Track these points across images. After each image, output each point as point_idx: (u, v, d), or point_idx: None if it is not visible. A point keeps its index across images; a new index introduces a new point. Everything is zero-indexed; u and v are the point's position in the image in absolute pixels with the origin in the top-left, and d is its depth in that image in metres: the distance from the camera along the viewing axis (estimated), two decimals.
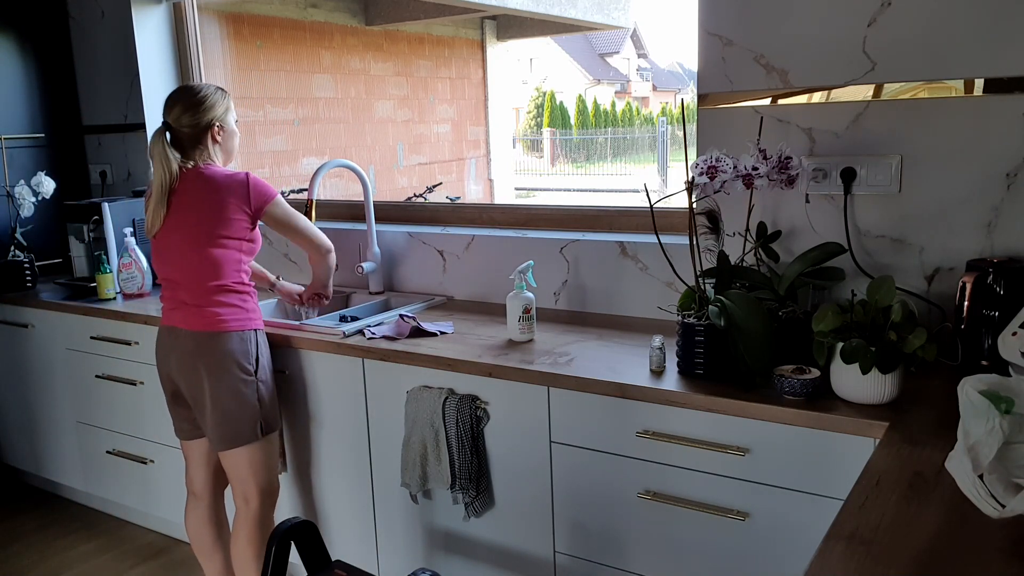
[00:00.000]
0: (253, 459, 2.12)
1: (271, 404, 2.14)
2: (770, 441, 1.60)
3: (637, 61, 26.96)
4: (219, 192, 2.06)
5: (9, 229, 3.10)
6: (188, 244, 2.07)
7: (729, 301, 1.66)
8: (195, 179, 2.08)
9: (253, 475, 2.12)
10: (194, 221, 2.06)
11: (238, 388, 2.07)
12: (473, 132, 8.92)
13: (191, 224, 2.07)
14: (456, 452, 1.96)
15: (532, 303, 2.09)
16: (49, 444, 3.06)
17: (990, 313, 1.65)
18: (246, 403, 2.08)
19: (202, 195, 2.07)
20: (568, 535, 1.91)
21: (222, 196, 2.06)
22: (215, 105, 2.12)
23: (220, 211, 2.06)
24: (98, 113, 3.44)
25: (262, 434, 2.11)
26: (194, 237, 2.07)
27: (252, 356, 2.09)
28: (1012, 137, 1.73)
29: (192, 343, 2.07)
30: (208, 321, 2.06)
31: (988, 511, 1.01)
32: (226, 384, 2.06)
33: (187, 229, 2.07)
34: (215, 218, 2.06)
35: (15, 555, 2.79)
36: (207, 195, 2.07)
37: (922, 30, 1.77)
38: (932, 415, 1.49)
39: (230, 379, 2.06)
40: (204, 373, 2.06)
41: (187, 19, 3.32)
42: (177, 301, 2.11)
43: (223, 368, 2.06)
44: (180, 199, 2.07)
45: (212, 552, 2.29)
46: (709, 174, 1.73)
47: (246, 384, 2.08)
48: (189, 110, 2.08)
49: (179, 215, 2.07)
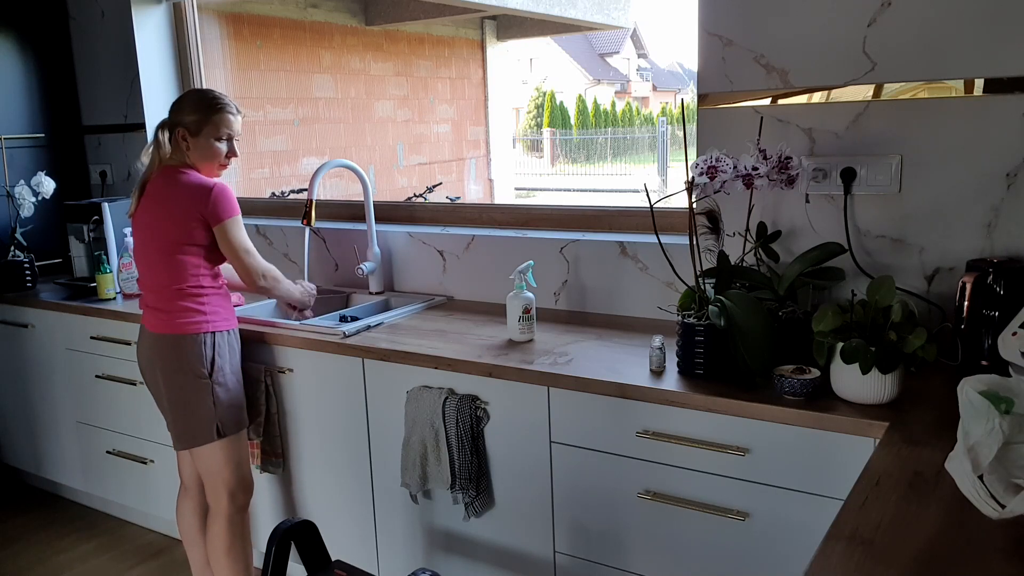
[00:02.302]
0: (214, 459, 2.15)
1: (230, 406, 2.15)
2: (770, 441, 1.60)
3: (637, 61, 26.96)
4: (181, 199, 2.08)
5: (9, 229, 3.10)
6: (149, 246, 2.12)
7: (729, 301, 1.66)
8: (168, 179, 2.11)
9: (217, 474, 2.16)
10: (156, 223, 2.10)
11: (191, 390, 2.10)
12: (473, 132, 8.92)
13: (153, 226, 2.11)
14: (456, 452, 1.96)
15: (532, 303, 2.09)
16: (49, 444, 3.06)
17: (990, 313, 1.65)
18: (200, 405, 2.11)
19: (167, 198, 2.09)
20: (568, 535, 1.91)
21: (183, 204, 2.07)
22: (185, 110, 2.12)
23: (179, 217, 2.07)
24: (98, 113, 3.44)
25: (218, 436, 2.13)
26: (154, 239, 2.11)
27: (207, 359, 2.10)
28: (1012, 137, 1.73)
29: (151, 343, 2.14)
30: (162, 323, 2.11)
31: (988, 512, 1.01)
32: (179, 385, 2.10)
33: (150, 231, 2.12)
34: (174, 223, 2.08)
35: (15, 555, 2.79)
36: (170, 199, 2.09)
37: (922, 30, 1.77)
38: (932, 415, 1.49)
39: (183, 380, 2.10)
40: (159, 374, 2.13)
41: (187, 19, 3.32)
42: (145, 301, 2.18)
43: (176, 369, 2.10)
44: (150, 195, 2.11)
45: (196, 541, 2.34)
46: (709, 174, 1.73)
47: (200, 386, 2.10)
48: (170, 108, 2.15)
49: (146, 213, 2.12)
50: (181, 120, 2.11)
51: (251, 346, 2.34)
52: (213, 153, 2.14)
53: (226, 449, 2.15)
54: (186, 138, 2.11)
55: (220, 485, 2.17)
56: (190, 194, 2.08)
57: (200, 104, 2.12)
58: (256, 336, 2.32)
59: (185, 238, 2.08)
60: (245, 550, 2.25)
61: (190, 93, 2.18)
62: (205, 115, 2.11)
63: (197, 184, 2.09)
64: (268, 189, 6.04)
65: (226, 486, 2.17)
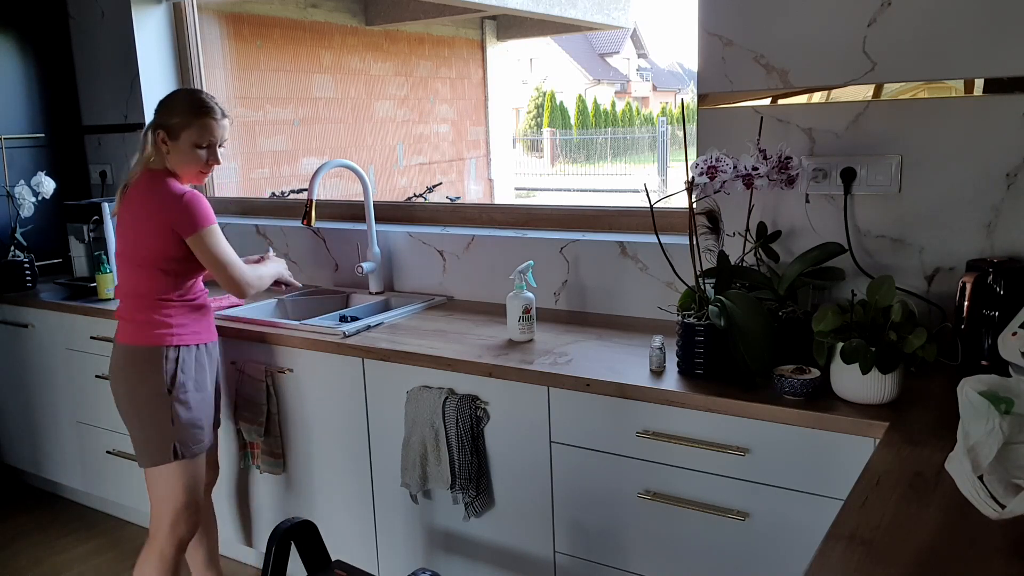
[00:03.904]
0: (165, 482, 2.03)
1: (190, 426, 2.04)
2: (770, 441, 1.60)
3: (637, 61, 26.94)
4: (151, 208, 2.00)
5: (9, 229, 3.10)
6: (123, 253, 2.06)
7: (729, 301, 1.66)
8: (145, 184, 2.03)
9: (164, 500, 2.05)
10: (127, 230, 2.04)
11: (147, 405, 2.01)
12: (473, 132, 8.92)
13: (124, 233, 2.05)
14: (456, 452, 1.96)
15: (532, 303, 2.09)
16: (49, 444, 3.06)
17: (990, 313, 1.65)
18: (156, 422, 2.01)
19: (140, 204, 2.02)
20: (568, 535, 1.91)
21: (154, 213, 2.00)
22: (167, 112, 2.04)
23: (149, 226, 2.00)
24: (98, 113, 3.44)
25: (175, 457, 2.02)
26: (126, 245, 2.05)
27: (168, 373, 2.01)
28: (1012, 137, 1.73)
29: (116, 355, 2.07)
30: (126, 333, 2.05)
31: (988, 512, 1.01)
32: (137, 399, 2.02)
33: (123, 237, 2.06)
34: (145, 232, 2.01)
35: (15, 555, 2.79)
36: (143, 206, 2.01)
37: (922, 30, 1.77)
38: (932, 415, 1.49)
39: (141, 395, 2.01)
40: (119, 385, 2.05)
41: (187, 19, 3.32)
42: (118, 311, 2.10)
43: (133, 382, 2.02)
44: (129, 198, 2.04)
45: (195, 547, 2.30)
46: (709, 174, 1.73)
47: (158, 402, 2.01)
48: (155, 107, 2.08)
49: (124, 217, 2.05)
50: (163, 122, 2.04)
51: (251, 346, 2.34)
52: (192, 159, 2.05)
53: (179, 473, 2.04)
54: (166, 141, 2.03)
55: (165, 512, 2.05)
56: (160, 202, 1.99)
57: (183, 106, 2.04)
58: (256, 336, 2.32)
59: (154, 247, 2.00)
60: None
61: (176, 93, 2.11)
62: (186, 119, 2.02)
63: (168, 192, 2.00)
64: (268, 189, 6.03)
65: (171, 514, 2.05)
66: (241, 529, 2.55)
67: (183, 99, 2.06)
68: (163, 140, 2.03)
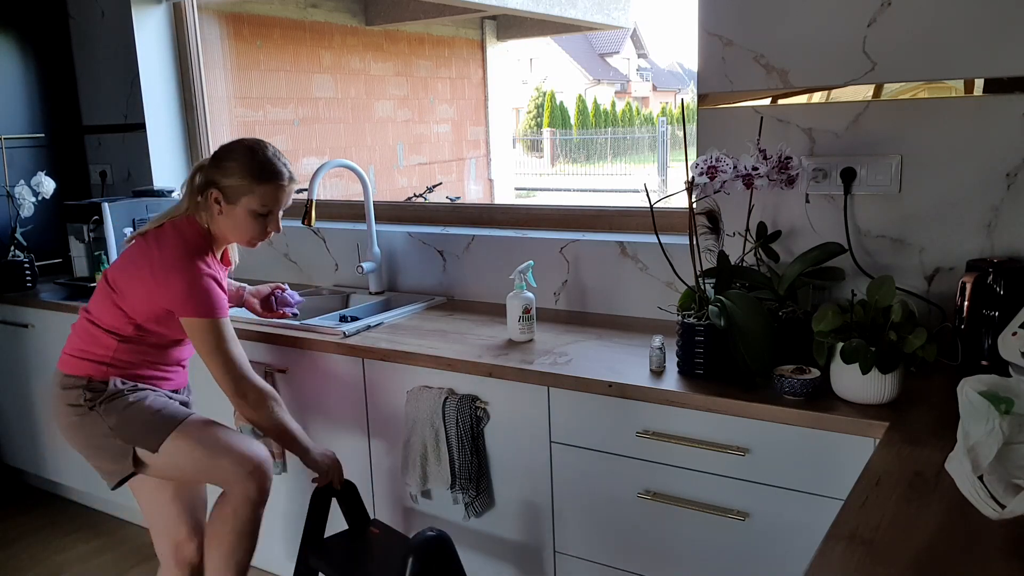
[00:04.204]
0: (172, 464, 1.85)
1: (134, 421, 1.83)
2: (770, 441, 1.60)
3: (637, 61, 26.95)
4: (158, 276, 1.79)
5: (9, 229, 3.10)
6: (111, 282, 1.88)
7: (729, 301, 1.66)
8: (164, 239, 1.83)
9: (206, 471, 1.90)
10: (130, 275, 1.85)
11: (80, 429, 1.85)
12: (473, 132, 8.93)
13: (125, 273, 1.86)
14: (456, 452, 1.96)
15: (532, 303, 2.09)
16: (49, 444, 3.06)
17: (990, 313, 1.65)
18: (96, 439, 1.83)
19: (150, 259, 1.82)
20: (568, 535, 1.91)
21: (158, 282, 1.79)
22: (227, 170, 1.82)
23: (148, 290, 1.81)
24: (98, 113, 3.44)
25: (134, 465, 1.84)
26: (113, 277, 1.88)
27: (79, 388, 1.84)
28: (1012, 137, 1.73)
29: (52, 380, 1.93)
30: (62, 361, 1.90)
31: (988, 512, 1.01)
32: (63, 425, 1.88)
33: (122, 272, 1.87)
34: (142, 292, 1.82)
35: (15, 555, 2.79)
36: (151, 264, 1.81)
37: (922, 30, 1.77)
38: (932, 415, 1.49)
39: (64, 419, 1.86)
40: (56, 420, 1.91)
41: (187, 19, 3.32)
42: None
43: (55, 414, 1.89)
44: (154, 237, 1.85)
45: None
46: (709, 174, 1.73)
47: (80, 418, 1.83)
48: (209, 159, 1.87)
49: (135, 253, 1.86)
50: (219, 181, 1.82)
51: (251, 346, 2.34)
52: (246, 228, 1.86)
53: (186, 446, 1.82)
54: (219, 201, 1.83)
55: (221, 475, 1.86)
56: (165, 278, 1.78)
57: (246, 167, 1.81)
58: (256, 336, 2.31)
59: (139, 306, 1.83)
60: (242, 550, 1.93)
61: (238, 148, 1.84)
62: (248, 183, 1.81)
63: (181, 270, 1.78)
64: None
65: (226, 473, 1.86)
66: None
67: (247, 159, 1.83)
68: (216, 200, 1.83)
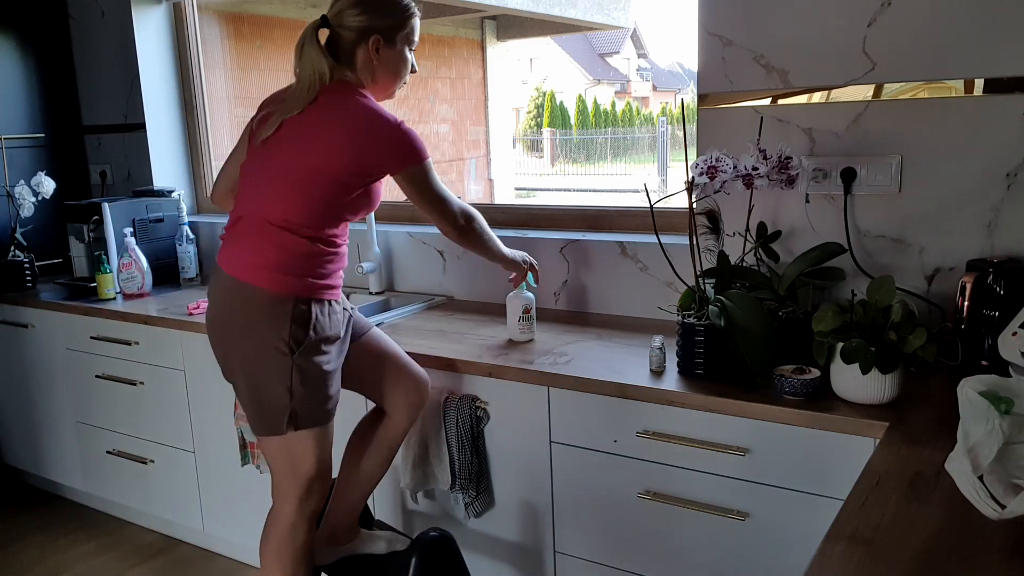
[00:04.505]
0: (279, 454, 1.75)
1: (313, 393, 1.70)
2: (770, 441, 1.60)
3: (637, 61, 26.91)
4: (355, 128, 1.67)
5: (9, 229, 3.10)
6: (280, 174, 1.70)
7: (729, 301, 1.66)
8: (334, 100, 1.70)
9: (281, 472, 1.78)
10: (304, 148, 1.68)
11: (262, 364, 1.67)
12: (473, 132, 8.92)
13: (299, 152, 1.68)
14: (456, 452, 1.96)
15: (532, 303, 2.08)
16: (49, 444, 3.06)
17: (990, 313, 1.65)
18: (271, 386, 1.67)
19: (331, 122, 1.68)
20: (568, 535, 1.91)
21: (356, 135, 1.67)
22: (373, 12, 1.72)
23: (342, 150, 1.66)
24: (98, 113, 3.43)
25: (293, 427, 1.70)
26: (293, 167, 1.69)
27: (296, 329, 1.66)
28: (1012, 137, 1.73)
29: (228, 291, 1.71)
30: (250, 267, 1.68)
31: (988, 512, 1.01)
32: (250, 355, 1.68)
33: (290, 156, 1.69)
34: (332, 155, 1.66)
35: (15, 555, 2.79)
36: (337, 125, 1.68)
37: (922, 30, 1.77)
38: (932, 415, 1.49)
39: (259, 349, 1.66)
40: (230, 333, 1.71)
41: (187, 19, 3.32)
42: (232, 235, 1.75)
43: (254, 333, 1.67)
44: (306, 115, 1.69)
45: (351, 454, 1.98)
46: (709, 174, 1.73)
47: (279, 362, 1.66)
48: (353, 7, 1.72)
49: (293, 133, 1.70)
50: (375, 25, 1.72)
51: None
52: (403, 67, 1.79)
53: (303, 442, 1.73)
54: (379, 48, 1.73)
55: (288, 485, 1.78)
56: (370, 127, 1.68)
57: (392, 5, 1.75)
58: None
59: (338, 174, 1.68)
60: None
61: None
62: (400, 19, 1.75)
63: (379, 115, 1.69)
64: None
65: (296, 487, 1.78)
66: (241, 530, 2.55)
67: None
68: (375, 47, 1.73)
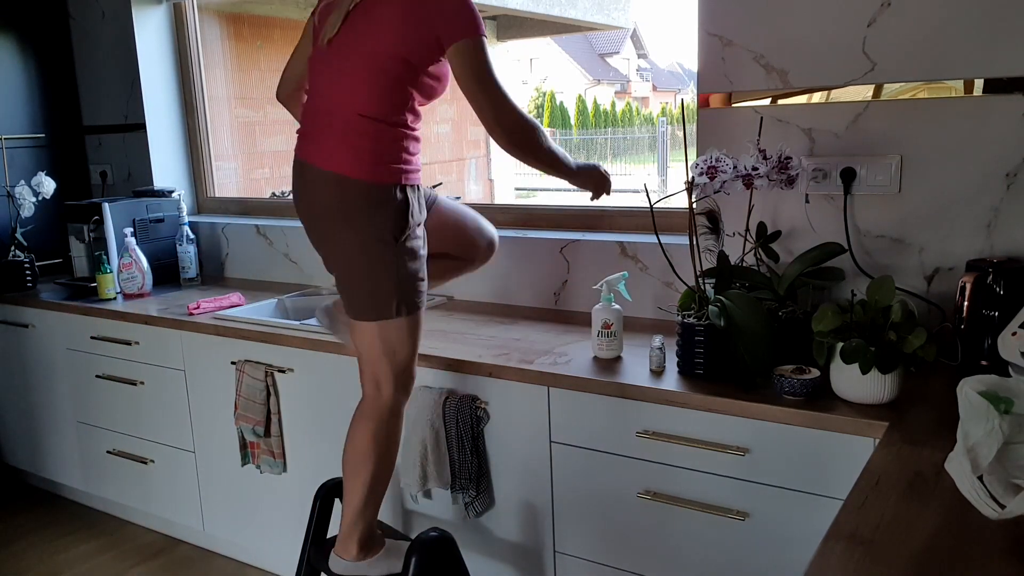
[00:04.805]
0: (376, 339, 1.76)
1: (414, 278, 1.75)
2: (770, 441, 1.60)
3: (637, 61, 26.92)
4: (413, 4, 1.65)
5: (9, 229, 3.10)
6: (355, 64, 1.69)
7: (729, 301, 1.66)
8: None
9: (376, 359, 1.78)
10: (372, 33, 1.67)
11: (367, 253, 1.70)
12: (473, 132, 8.92)
13: (368, 38, 1.68)
14: (456, 452, 1.96)
15: (615, 317, 1.89)
16: (49, 444, 3.06)
17: (990, 313, 1.65)
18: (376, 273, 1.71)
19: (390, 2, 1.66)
20: (568, 535, 1.91)
21: (415, 6, 1.65)
22: None
23: (405, 25, 1.65)
24: (98, 113, 3.44)
25: (397, 314, 1.73)
26: (367, 54, 1.68)
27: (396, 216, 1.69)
28: (1012, 137, 1.73)
29: (328, 182, 1.71)
30: (347, 160, 1.68)
31: (987, 512, 1.01)
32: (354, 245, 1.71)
33: (361, 45, 1.68)
34: (397, 35, 1.65)
35: (15, 555, 2.79)
36: (396, 4, 1.66)
37: (922, 30, 1.77)
38: (932, 415, 1.49)
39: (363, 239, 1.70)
40: (333, 225, 1.73)
41: (187, 19, 3.32)
42: (315, 130, 1.75)
43: (356, 224, 1.69)
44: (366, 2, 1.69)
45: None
46: (709, 174, 1.73)
47: (381, 249, 1.70)
48: None
49: (358, 21, 1.69)
50: None
51: (251, 346, 2.34)
52: None
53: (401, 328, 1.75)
54: None
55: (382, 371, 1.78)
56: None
57: None
58: (256, 336, 2.31)
59: (411, 54, 1.66)
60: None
61: None
62: None
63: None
64: (268, 189, 6.04)
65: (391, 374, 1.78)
66: (241, 529, 2.55)
67: None
68: None
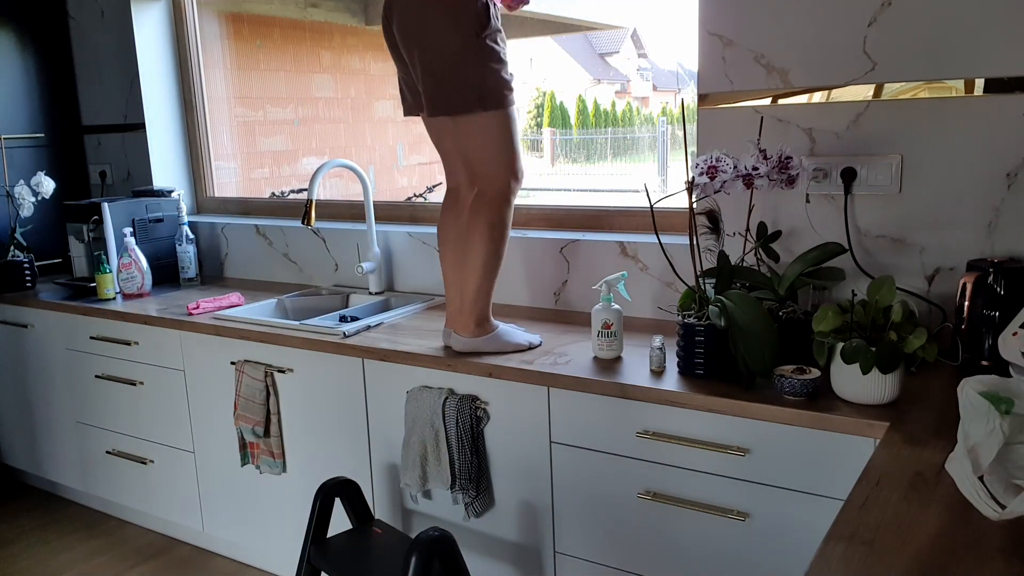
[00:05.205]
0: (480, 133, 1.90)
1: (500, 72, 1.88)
2: (770, 441, 1.60)
3: (637, 61, 26.90)
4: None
5: (9, 229, 3.10)
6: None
7: (729, 301, 1.66)
8: None
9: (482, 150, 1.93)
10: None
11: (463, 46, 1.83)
12: None
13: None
14: (456, 452, 1.96)
15: (615, 318, 1.90)
16: (49, 444, 3.06)
17: (990, 313, 1.65)
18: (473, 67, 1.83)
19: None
20: (568, 535, 1.91)
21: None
22: None
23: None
24: (98, 113, 3.43)
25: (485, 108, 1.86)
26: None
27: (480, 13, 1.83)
28: (1012, 137, 1.73)
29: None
30: None
31: (988, 513, 1.01)
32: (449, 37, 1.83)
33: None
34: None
35: (15, 555, 2.79)
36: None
37: (922, 30, 1.77)
38: (932, 415, 1.49)
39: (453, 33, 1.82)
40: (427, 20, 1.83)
41: (187, 19, 3.32)
42: None
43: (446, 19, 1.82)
44: None
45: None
46: (709, 174, 1.73)
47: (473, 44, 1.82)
48: None
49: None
50: None
51: (251, 346, 2.34)
52: None
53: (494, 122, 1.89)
54: None
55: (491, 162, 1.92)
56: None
57: None
58: (256, 336, 2.31)
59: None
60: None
61: None
62: None
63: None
64: (268, 189, 6.04)
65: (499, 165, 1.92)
66: (241, 530, 2.55)
67: None
68: None
